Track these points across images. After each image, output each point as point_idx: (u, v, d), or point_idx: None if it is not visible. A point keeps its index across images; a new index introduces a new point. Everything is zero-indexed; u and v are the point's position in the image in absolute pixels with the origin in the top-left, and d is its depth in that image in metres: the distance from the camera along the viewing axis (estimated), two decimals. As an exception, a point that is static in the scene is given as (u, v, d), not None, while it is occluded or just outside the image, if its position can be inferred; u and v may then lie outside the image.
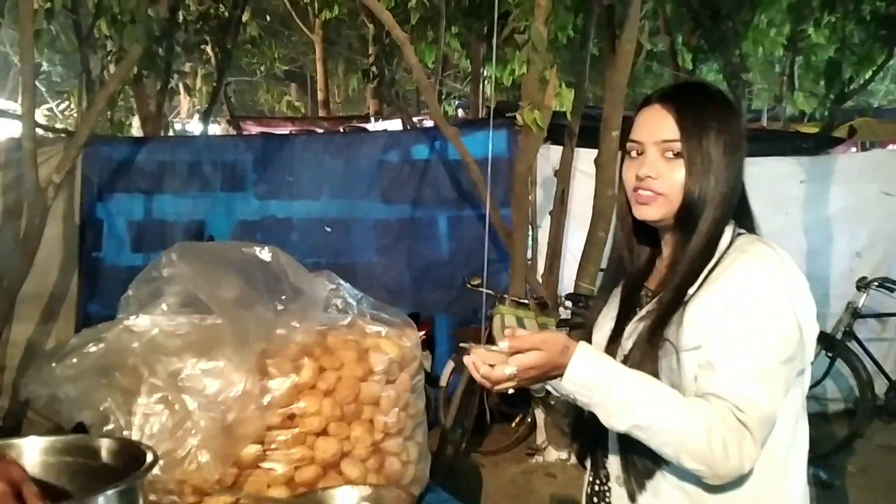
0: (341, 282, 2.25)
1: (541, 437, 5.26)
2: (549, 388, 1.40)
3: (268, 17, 11.12)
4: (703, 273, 1.40)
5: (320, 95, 12.75)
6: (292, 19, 11.76)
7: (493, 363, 1.29)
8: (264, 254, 2.15)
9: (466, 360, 1.32)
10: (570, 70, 7.61)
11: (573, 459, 5.14)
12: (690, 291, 1.39)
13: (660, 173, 1.42)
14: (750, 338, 1.32)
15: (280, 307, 2.03)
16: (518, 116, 4.61)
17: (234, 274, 2.07)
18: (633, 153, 1.47)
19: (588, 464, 1.62)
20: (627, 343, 1.46)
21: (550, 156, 5.75)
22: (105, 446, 1.47)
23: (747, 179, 5.61)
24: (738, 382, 1.30)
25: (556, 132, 5.46)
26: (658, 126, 1.43)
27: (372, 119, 11.07)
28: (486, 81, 8.18)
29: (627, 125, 4.91)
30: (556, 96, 4.94)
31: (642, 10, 5.03)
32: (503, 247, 5.49)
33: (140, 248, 6.22)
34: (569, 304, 5.21)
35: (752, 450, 1.29)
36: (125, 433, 1.87)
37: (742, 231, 1.47)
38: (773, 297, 1.34)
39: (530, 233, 5.46)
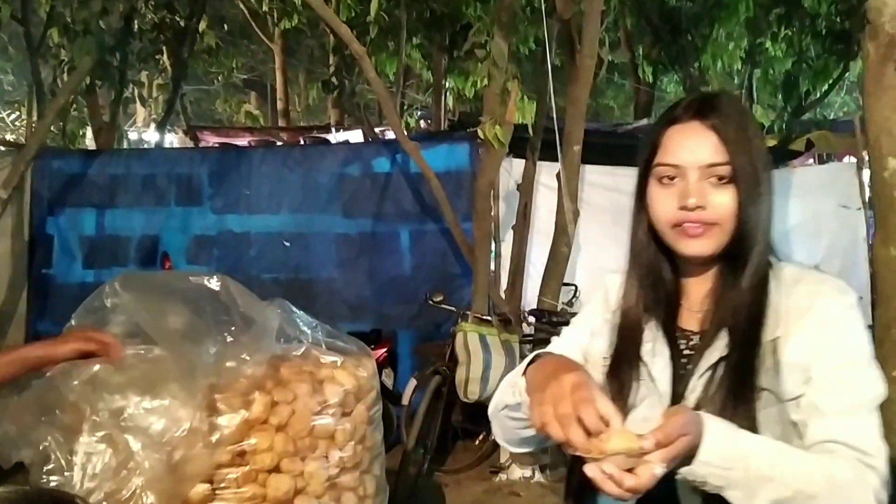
0: (294, 309, 2.16)
1: (504, 455, 5.19)
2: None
3: (225, 26, 10.96)
4: (774, 309, 1.24)
5: (280, 105, 12.60)
6: (251, 28, 11.62)
7: (630, 467, 1.02)
8: (213, 283, 2.06)
9: (593, 472, 1.01)
10: (531, 83, 7.60)
11: (537, 477, 5.09)
12: (776, 332, 1.22)
13: (708, 202, 1.22)
14: (854, 374, 1.21)
15: (229, 338, 1.94)
16: (479, 131, 4.56)
17: (180, 304, 1.98)
18: (666, 178, 1.26)
19: None
20: (692, 397, 1.24)
21: (513, 169, 5.71)
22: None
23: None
24: (854, 424, 1.18)
25: (518, 145, 5.43)
26: (699, 146, 1.24)
27: (333, 130, 10.95)
28: (447, 93, 8.15)
29: (588, 139, 4.83)
30: (518, 109, 4.91)
31: (603, 24, 5.02)
32: (466, 262, 5.44)
33: (92, 265, 6.06)
34: (532, 319, 5.17)
35: (884, 494, 1.17)
36: (66, 474, 1.77)
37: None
38: (862, 328, 1.25)
39: (493, 248, 5.41)
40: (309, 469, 1.96)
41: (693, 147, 1.24)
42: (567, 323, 4.64)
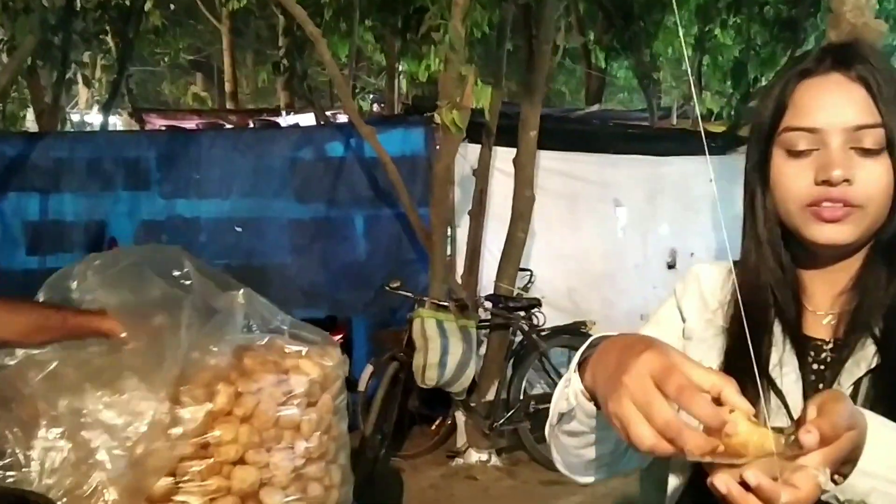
0: (259, 298, 2.13)
1: (461, 439, 5.22)
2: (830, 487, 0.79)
3: (172, 6, 10.69)
4: None
5: (228, 87, 12.37)
6: (198, 8, 11.37)
7: (775, 475, 0.72)
8: (178, 264, 2.02)
9: (728, 486, 0.72)
10: (487, 67, 7.59)
11: (494, 460, 5.13)
12: None
13: (856, 176, 0.96)
14: None
15: (193, 329, 1.90)
16: (436, 116, 4.54)
17: (141, 294, 1.93)
18: (800, 146, 0.98)
19: None
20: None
21: (468, 154, 5.70)
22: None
23: (660, 179, 5.70)
24: None
25: (474, 130, 5.42)
26: (844, 104, 0.97)
27: (283, 112, 10.79)
28: (401, 77, 8.08)
29: (542, 124, 4.81)
30: (474, 94, 4.89)
31: (558, 10, 5.02)
32: (421, 247, 5.42)
33: (36, 251, 5.87)
34: (488, 304, 5.19)
35: None
36: (24, 469, 1.72)
37: None
38: None
39: (449, 233, 5.40)
40: (274, 460, 1.94)
41: (835, 105, 0.97)
42: (524, 308, 4.64)
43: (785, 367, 1.02)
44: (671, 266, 6.35)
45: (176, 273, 2.00)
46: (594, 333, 3.54)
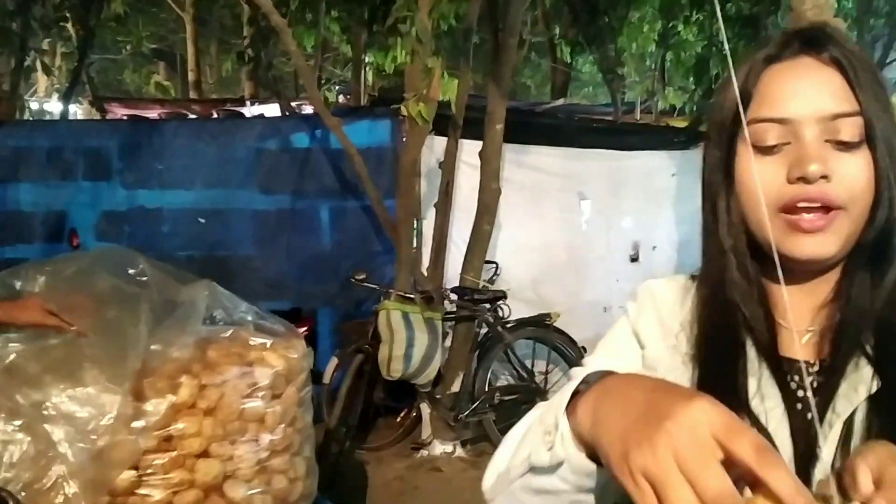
0: (222, 290, 2.12)
1: (426, 431, 5.24)
2: None
3: (135, -7, 10.52)
4: None
5: (191, 76, 12.20)
6: (161, -5, 11.21)
7: None
8: (132, 263, 2.00)
9: None
10: (453, 59, 7.59)
11: (458, 452, 5.16)
12: None
13: (834, 171, 0.83)
14: None
15: (153, 322, 1.89)
16: (403, 108, 4.53)
17: (101, 286, 1.91)
18: (769, 140, 0.86)
19: None
20: (826, 457, 0.82)
21: (435, 147, 5.70)
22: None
23: (624, 173, 5.75)
24: None
25: (441, 123, 5.42)
26: (819, 91, 0.84)
27: (248, 103, 10.68)
28: (367, 68, 8.05)
29: (508, 117, 4.82)
30: (440, 86, 4.89)
31: (524, 4, 5.04)
32: (387, 239, 5.42)
33: (-6, 241, 5.76)
34: (454, 297, 5.20)
35: None
36: (-21, 463, 1.69)
37: None
38: None
39: (415, 225, 5.41)
40: (238, 453, 1.93)
41: (808, 92, 0.85)
42: (490, 300, 4.66)
43: (767, 399, 0.86)
44: (634, 259, 6.42)
45: (131, 271, 1.98)
46: (559, 325, 3.55)
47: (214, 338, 1.98)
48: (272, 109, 9.24)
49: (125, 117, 9.37)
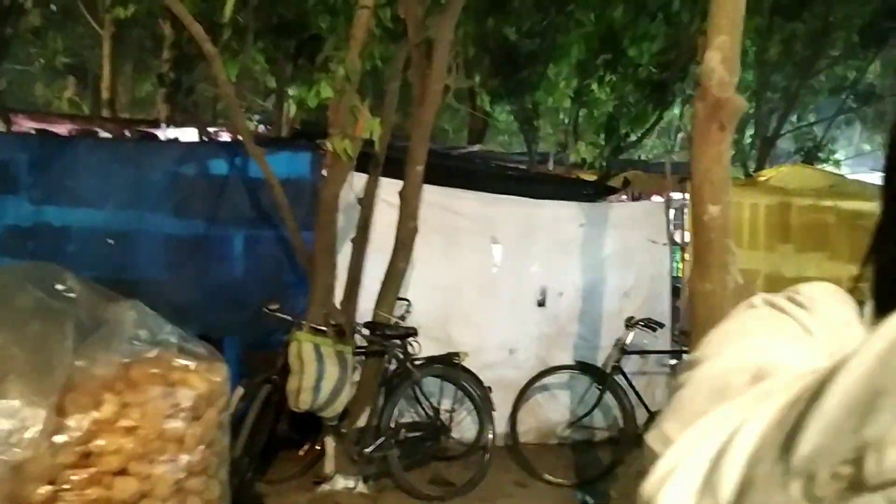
0: (148, 310, 2.14)
1: (329, 465, 5.23)
2: None
3: (52, 6, 10.25)
4: None
5: (105, 94, 11.91)
6: (79, 11, 10.93)
7: None
8: (60, 279, 2.01)
9: None
10: (375, 99, 7.72)
11: (360, 487, 5.17)
12: None
13: None
14: None
15: (78, 338, 1.90)
16: (328, 144, 4.62)
17: (26, 300, 1.91)
18: None
19: None
20: None
21: (353, 183, 5.79)
22: None
23: (534, 220, 5.96)
24: None
25: (361, 160, 5.51)
26: None
27: (163, 125, 10.51)
28: (289, 101, 8.09)
29: (428, 160, 4.95)
30: (365, 125, 5.00)
31: (452, 52, 5.23)
32: (299, 270, 5.44)
33: None
34: (366, 332, 5.26)
35: None
36: None
37: None
38: None
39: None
40: (156, 472, 1.95)
41: None
42: (400, 336, 4.72)
43: None
44: (541, 304, 6.63)
45: (59, 287, 2.00)
46: (466, 365, 3.65)
47: (138, 358, 2.00)
48: (187, 133, 9.15)
49: (33, 131, 9.07)
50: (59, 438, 1.71)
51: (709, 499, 0.54)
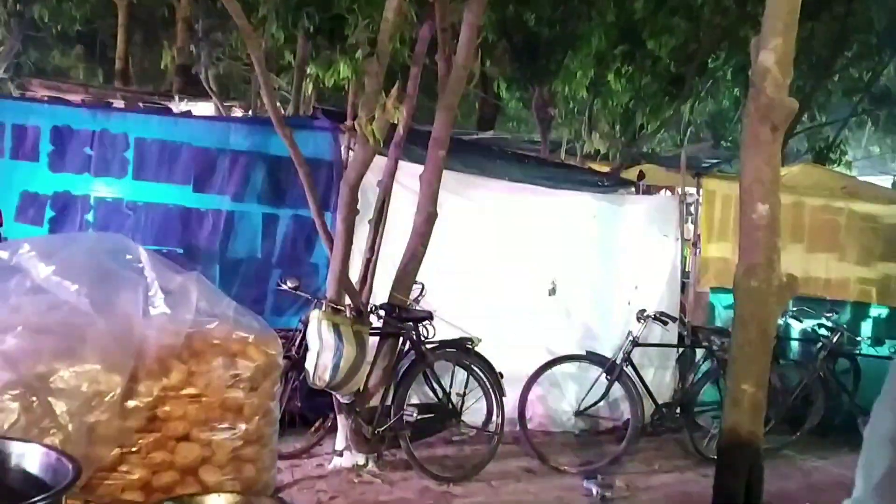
0: (208, 283, 2.20)
1: (340, 441, 5.29)
2: None
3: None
4: None
5: (118, 64, 11.90)
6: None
7: None
8: (128, 249, 2.06)
9: None
10: (393, 82, 7.72)
11: (371, 466, 5.24)
12: None
13: None
14: None
15: (148, 308, 1.96)
16: (356, 125, 4.65)
17: (98, 268, 1.96)
18: None
19: None
20: None
21: (373, 165, 5.81)
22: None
23: (548, 209, 5.98)
24: None
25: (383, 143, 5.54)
26: None
27: (176, 98, 10.52)
28: (308, 79, 8.11)
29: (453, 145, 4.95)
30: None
31: (479, 37, 5.26)
32: (317, 250, 5.49)
33: None
34: (382, 313, 5.30)
35: None
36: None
37: None
38: None
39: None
40: (217, 439, 2.02)
41: None
42: (416, 319, 4.78)
43: None
44: (552, 293, 6.67)
45: (128, 256, 2.05)
46: (479, 350, 3.72)
47: (201, 328, 2.06)
48: (201, 108, 9.17)
49: (46, 98, 9.08)
50: (130, 403, 1.78)
51: None
